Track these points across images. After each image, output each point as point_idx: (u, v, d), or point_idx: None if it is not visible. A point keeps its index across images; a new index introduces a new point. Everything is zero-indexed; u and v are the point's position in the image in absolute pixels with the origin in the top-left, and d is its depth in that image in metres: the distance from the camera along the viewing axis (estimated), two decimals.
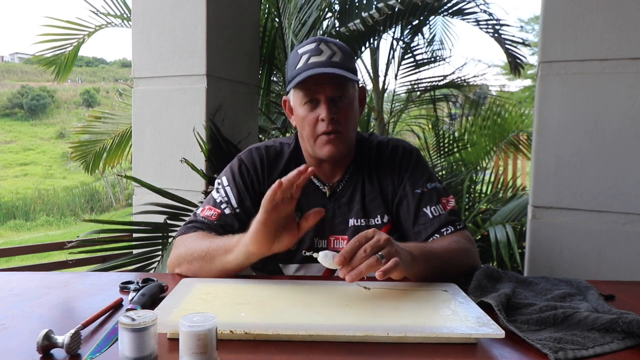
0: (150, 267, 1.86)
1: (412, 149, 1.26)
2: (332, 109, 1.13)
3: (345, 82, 1.15)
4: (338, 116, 1.14)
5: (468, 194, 3.24)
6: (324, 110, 1.13)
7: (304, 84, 1.13)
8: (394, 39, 4.04)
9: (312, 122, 1.15)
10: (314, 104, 1.15)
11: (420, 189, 1.20)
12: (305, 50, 1.16)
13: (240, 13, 2.27)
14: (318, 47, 1.14)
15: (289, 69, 1.19)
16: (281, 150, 1.26)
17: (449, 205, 1.20)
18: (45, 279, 1.08)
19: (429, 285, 0.98)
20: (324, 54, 1.14)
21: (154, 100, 2.19)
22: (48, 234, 10.62)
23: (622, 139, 1.62)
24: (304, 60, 1.14)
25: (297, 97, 1.17)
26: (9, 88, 25.68)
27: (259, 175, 1.22)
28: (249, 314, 0.82)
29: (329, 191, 1.23)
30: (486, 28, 3.87)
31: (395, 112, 4.41)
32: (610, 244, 1.65)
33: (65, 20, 3.57)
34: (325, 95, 1.13)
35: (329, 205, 1.22)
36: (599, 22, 1.64)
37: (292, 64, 1.17)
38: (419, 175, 1.22)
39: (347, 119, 1.16)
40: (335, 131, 1.14)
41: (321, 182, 1.24)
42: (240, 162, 1.24)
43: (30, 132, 22.58)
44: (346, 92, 1.16)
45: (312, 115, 1.15)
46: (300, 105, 1.16)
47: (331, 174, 1.24)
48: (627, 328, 0.76)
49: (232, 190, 1.20)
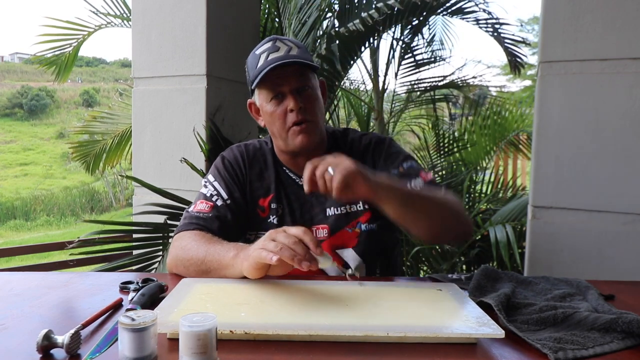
0: (151, 268, 1.86)
1: (384, 138, 1.30)
2: (299, 98, 1.16)
3: (306, 73, 1.19)
4: (305, 105, 1.17)
5: (468, 194, 3.24)
6: (291, 101, 1.15)
7: (268, 80, 1.16)
8: (394, 39, 4.04)
9: (281, 116, 1.17)
10: (280, 99, 1.17)
11: (397, 169, 1.21)
12: (262, 49, 1.19)
13: (240, 13, 2.27)
14: (274, 44, 1.18)
15: (250, 70, 1.22)
16: (260, 147, 1.31)
17: (429, 177, 1.21)
18: (45, 279, 1.08)
19: (429, 285, 0.98)
20: (281, 49, 1.17)
21: (154, 100, 2.19)
22: (48, 234, 10.62)
23: (622, 139, 1.62)
24: (263, 59, 1.17)
25: (262, 95, 1.20)
26: (9, 88, 25.67)
27: (241, 168, 1.27)
28: (249, 314, 0.82)
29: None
30: (486, 27, 3.87)
31: (395, 112, 4.41)
32: (610, 244, 1.65)
33: (65, 20, 3.57)
34: (289, 87, 1.16)
35: (306, 197, 1.24)
36: (599, 22, 1.64)
37: (252, 65, 1.20)
38: (394, 157, 1.24)
39: (314, 108, 1.19)
40: (305, 120, 1.16)
41: (297, 175, 1.26)
42: (222, 158, 1.29)
43: (30, 132, 22.58)
44: (309, 82, 1.19)
45: (280, 109, 1.17)
46: (266, 102, 1.19)
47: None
48: (627, 328, 0.76)
49: (221, 184, 1.23)
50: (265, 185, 1.25)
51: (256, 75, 1.17)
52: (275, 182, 1.25)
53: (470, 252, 2.80)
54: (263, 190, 1.25)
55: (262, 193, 1.25)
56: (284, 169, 1.27)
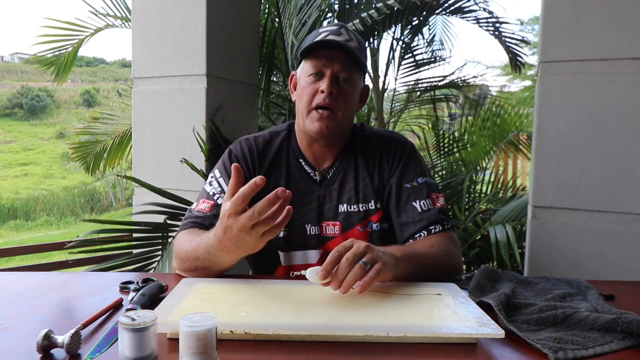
0: (150, 267, 1.86)
1: (406, 142, 1.27)
2: (335, 85, 1.16)
3: (353, 66, 1.18)
4: (337, 94, 1.16)
5: (468, 194, 3.24)
6: (326, 83, 1.15)
7: (315, 54, 1.16)
8: (394, 39, 4.05)
9: (311, 93, 1.17)
10: (318, 78, 1.17)
11: (411, 184, 1.20)
12: (325, 29, 1.20)
13: (240, 13, 2.27)
14: (339, 29, 1.19)
15: (306, 42, 1.21)
16: (270, 140, 1.28)
17: (439, 202, 1.20)
18: (45, 279, 1.08)
19: (428, 285, 0.98)
20: (342, 36, 1.17)
21: (154, 100, 2.19)
22: (48, 234, 10.62)
23: (622, 139, 1.62)
24: (321, 36, 1.18)
25: (305, 67, 1.20)
26: (9, 88, 25.67)
27: (249, 164, 1.24)
28: (249, 314, 0.82)
29: (319, 177, 1.24)
30: (486, 26, 3.87)
31: (395, 112, 4.41)
32: (610, 244, 1.65)
33: (65, 21, 3.59)
34: (332, 70, 1.16)
35: (319, 192, 1.23)
36: (599, 22, 1.64)
37: (309, 39, 1.21)
38: (411, 169, 1.23)
39: (346, 102, 1.18)
40: (330, 107, 1.16)
41: (311, 167, 1.25)
42: (230, 153, 1.27)
43: (30, 132, 22.58)
44: (352, 76, 1.18)
45: (312, 86, 1.17)
46: (305, 75, 1.19)
47: (322, 158, 1.25)
48: (627, 328, 0.76)
49: (226, 180, 1.21)
50: (273, 180, 1.23)
51: (307, 45, 1.17)
52: (286, 177, 1.23)
53: (470, 252, 2.80)
54: (271, 186, 1.22)
55: (271, 188, 1.23)
56: (300, 161, 1.25)
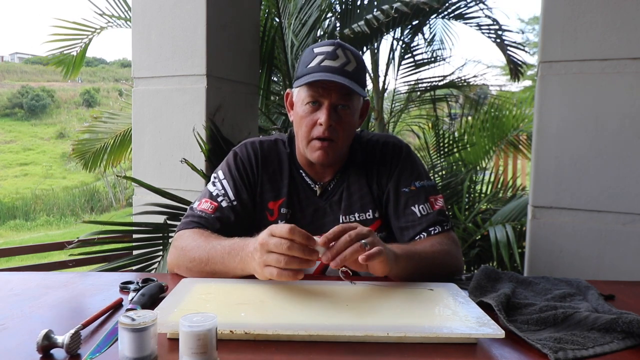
0: (151, 268, 1.86)
1: (402, 145, 1.27)
2: (333, 116, 1.13)
3: (351, 93, 1.15)
4: (337, 124, 1.14)
5: (468, 194, 3.24)
6: (324, 115, 1.13)
7: (311, 85, 1.13)
8: (394, 39, 4.05)
9: (309, 124, 1.15)
10: (316, 106, 1.15)
11: (409, 187, 1.20)
12: (321, 51, 1.15)
13: (240, 13, 2.27)
14: (335, 51, 1.14)
15: (301, 64, 1.19)
16: (275, 146, 1.27)
17: (437, 204, 1.20)
18: (45, 279, 1.08)
19: (428, 285, 0.98)
20: (338, 59, 1.13)
21: (154, 100, 2.19)
22: (48, 234, 10.61)
23: (622, 139, 1.62)
24: (317, 61, 1.14)
25: (301, 95, 1.17)
26: (9, 88, 25.63)
27: (254, 168, 1.23)
28: (249, 314, 0.82)
29: (320, 189, 1.24)
30: (488, 33, 3.86)
31: (395, 112, 4.41)
32: (610, 244, 1.65)
33: (72, 21, 3.68)
34: (329, 100, 1.13)
35: (320, 204, 1.23)
36: (599, 22, 1.64)
37: (305, 61, 1.17)
38: (408, 173, 1.22)
39: (345, 129, 1.16)
40: (329, 139, 1.14)
41: (313, 180, 1.24)
42: (235, 155, 1.26)
43: (30, 132, 22.56)
44: (350, 103, 1.16)
45: (311, 118, 1.15)
46: (302, 104, 1.16)
47: (322, 173, 1.25)
48: (627, 328, 0.76)
49: (229, 183, 1.21)
50: (277, 188, 1.23)
51: (303, 74, 1.14)
52: (288, 186, 1.23)
53: (470, 252, 2.80)
54: (274, 193, 1.23)
55: (273, 196, 1.22)
56: (301, 172, 1.25)
